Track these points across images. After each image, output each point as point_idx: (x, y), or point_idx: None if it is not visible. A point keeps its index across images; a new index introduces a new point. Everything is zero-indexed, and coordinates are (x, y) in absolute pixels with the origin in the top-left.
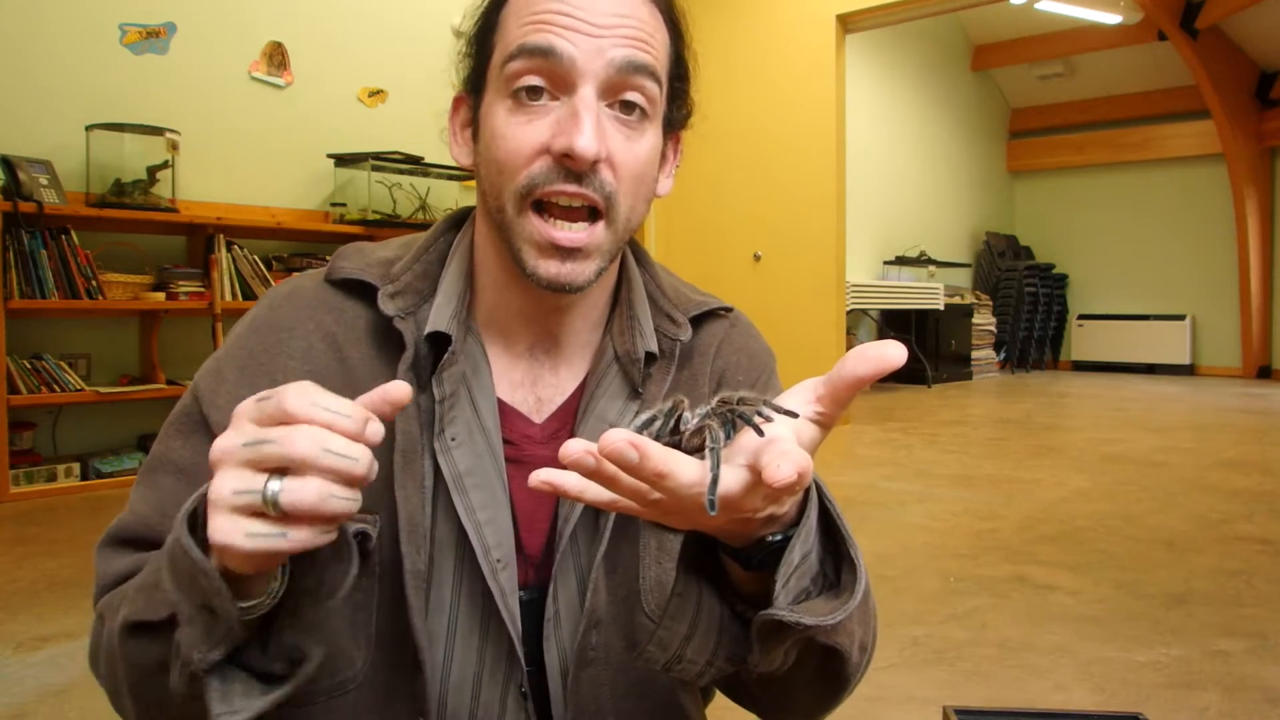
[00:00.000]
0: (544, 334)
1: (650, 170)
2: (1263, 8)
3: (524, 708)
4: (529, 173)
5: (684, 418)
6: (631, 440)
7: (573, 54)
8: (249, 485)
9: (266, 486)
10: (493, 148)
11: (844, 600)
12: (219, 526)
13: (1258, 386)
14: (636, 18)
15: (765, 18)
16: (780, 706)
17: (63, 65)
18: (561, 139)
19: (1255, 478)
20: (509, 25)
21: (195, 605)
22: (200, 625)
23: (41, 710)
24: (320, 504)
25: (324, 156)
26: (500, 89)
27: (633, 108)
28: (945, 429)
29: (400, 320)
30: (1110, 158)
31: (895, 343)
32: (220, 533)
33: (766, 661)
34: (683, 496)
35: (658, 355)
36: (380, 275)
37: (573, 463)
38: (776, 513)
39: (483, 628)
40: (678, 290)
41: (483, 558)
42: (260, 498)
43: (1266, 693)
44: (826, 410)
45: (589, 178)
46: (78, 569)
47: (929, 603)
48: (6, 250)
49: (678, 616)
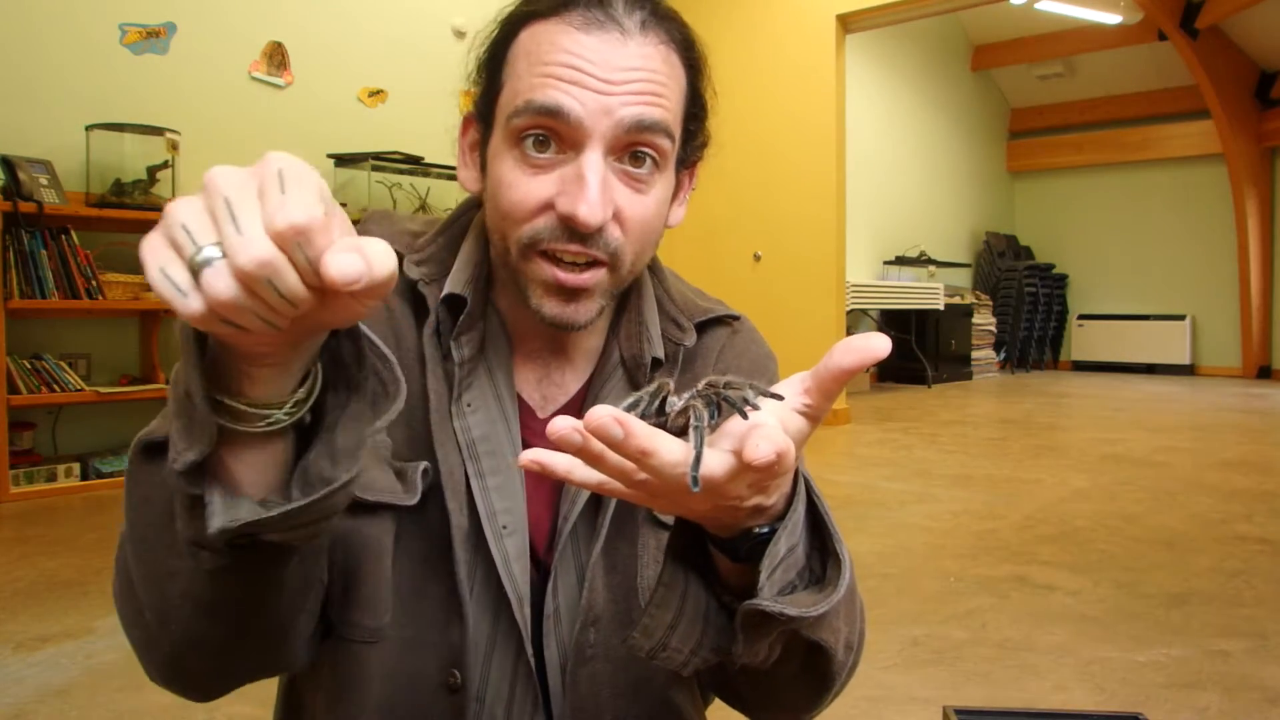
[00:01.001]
0: (551, 340)
1: (659, 218)
2: (1263, 8)
3: (533, 681)
4: (533, 226)
5: (670, 400)
6: (616, 416)
7: (580, 114)
8: (195, 228)
9: (203, 249)
10: (499, 194)
11: (828, 593)
12: (150, 243)
13: (1258, 386)
14: (649, 69)
15: (765, 18)
16: (766, 703)
17: (63, 65)
18: (565, 202)
19: (1255, 478)
20: (518, 68)
21: (180, 395)
22: (183, 421)
23: (41, 710)
24: (234, 305)
25: (324, 156)
26: (507, 137)
27: (642, 160)
28: (945, 429)
29: (424, 285)
30: (1110, 158)
31: (880, 334)
32: (144, 249)
33: (750, 653)
34: (667, 476)
35: (663, 361)
36: (406, 245)
37: (559, 438)
38: (764, 504)
39: (497, 593)
40: (685, 297)
41: (486, 521)
42: (194, 252)
43: (1266, 693)
44: (814, 403)
45: (594, 238)
46: (78, 569)
47: (929, 603)
48: (6, 250)
49: (663, 605)
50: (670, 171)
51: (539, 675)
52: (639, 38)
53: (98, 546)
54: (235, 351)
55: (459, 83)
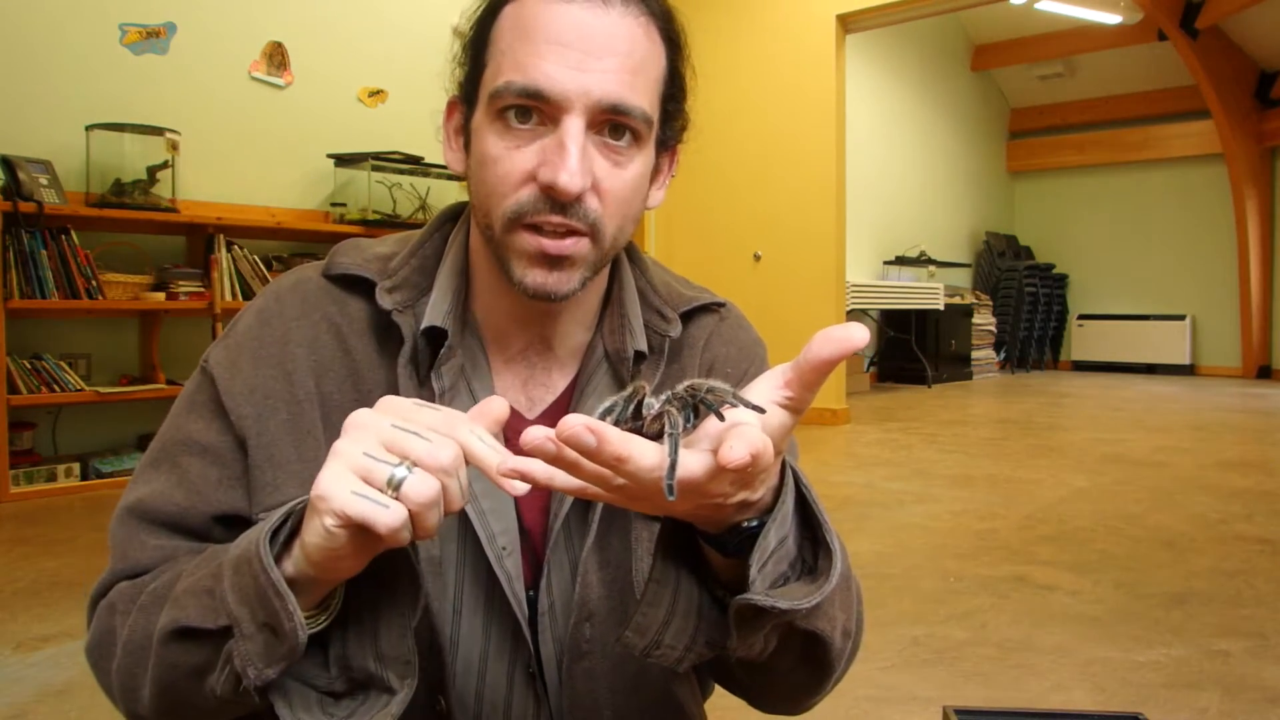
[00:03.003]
0: (536, 337)
1: (639, 193)
2: (1263, 8)
3: (532, 687)
4: (517, 199)
5: (646, 403)
6: (588, 425)
7: (561, 91)
8: (381, 456)
9: (395, 469)
10: (482, 170)
11: (820, 584)
12: (332, 475)
13: (1257, 386)
14: (628, 45)
15: (765, 18)
16: (766, 692)
17: (63, 65)
18: (546, 171)
19: (1255, 478)
20: (500, 45)
21: (258, 622)
22: (261, 642)
23: (41, 710)
24: (433, 504)
25: (324, 156)
26: (488, 111)
27: (622, 133)
28: (945, 429)
29: (398, 314)
30: (1110, 158)
31: (858, 324)
32: (328, 483)
33: (745, 647)
34: (644, 480)
35: (647, 353)
36: (378, 270)
37: (533, 448)
38: (750, 498)
39: (487, 608)
40: (669, 286)
41: (487, 545)
42: (386, 471)
43: (1266, 693)
44: (795, 395)
45: (574, 208)
46: (78, 569)
47: (929, 603)
48: (6, 250)
49: (655, 602)
50: (649, 150)
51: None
52: (620, 7)
53: (98, 546)
54: (321, 579)
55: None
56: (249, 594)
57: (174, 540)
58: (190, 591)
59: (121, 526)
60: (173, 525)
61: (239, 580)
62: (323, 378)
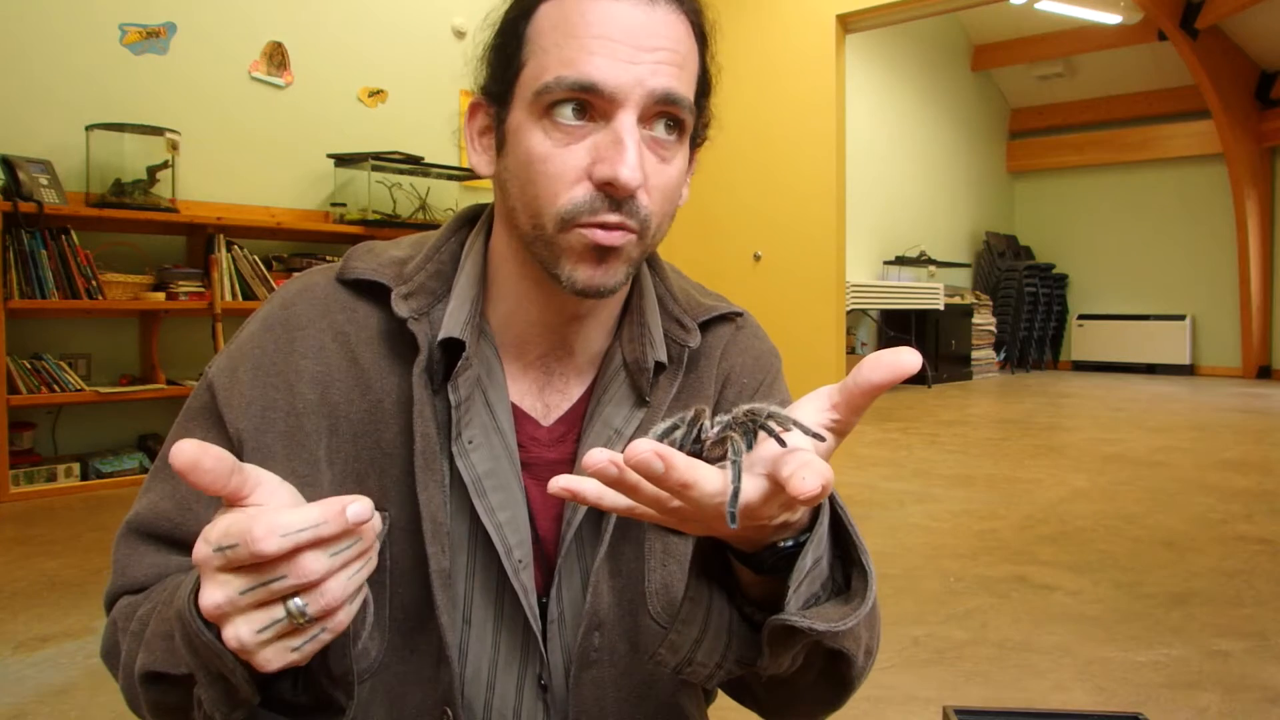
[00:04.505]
0: (559, 343)
1: (679, 190)
2: (1263, 8)
3: (541, 696)
4: (571, 198)
5: (705, 426)
6: (658, 451)
7: (615, 84)
8: (271, 618)
9: (289, 606)
10: (529, 171)
11: (855, 606)
12: (266, 660)
13: (1257, 386)
14: (673, 39)
15: (765, 18)
16: (784, 707)
17: (63, 65)
18: (604, 168)
19: (1255, 478)
20: (542, 43)
21: (211, 675)
22: (220, 689)
23: (41, 710)
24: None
25: (324, 156)
26: (532, 109)
27: (671, 126)
28: (945, 429)
29: (414, 322)
30: (1110, 158)
31: (910, 350)
32: (268, 664)
33: (775, 665)
34: (705, 506)
35: (666, 365)
36: (394, 276)
37: (596, 471)
38: (790, 519)
39: (496, 619)
40: (688, 294)
41: (505, 558)
42: (287, 620)
43: (1266, 693)
44: (842, 418)
45: (628, 204)
46: (78, 569)
47: (929, 603)
48: (6, 250)
49: (689, 620)
50: (687, 144)
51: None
52: (664, 3)
53: (98, 546)
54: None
55: (459, 82)
56: (195, 649)
57: (168, 556)
58: (158, 635)
59: (123, 542)
60: (167, 539)
61: (189, 641)
62: (329, 388)
